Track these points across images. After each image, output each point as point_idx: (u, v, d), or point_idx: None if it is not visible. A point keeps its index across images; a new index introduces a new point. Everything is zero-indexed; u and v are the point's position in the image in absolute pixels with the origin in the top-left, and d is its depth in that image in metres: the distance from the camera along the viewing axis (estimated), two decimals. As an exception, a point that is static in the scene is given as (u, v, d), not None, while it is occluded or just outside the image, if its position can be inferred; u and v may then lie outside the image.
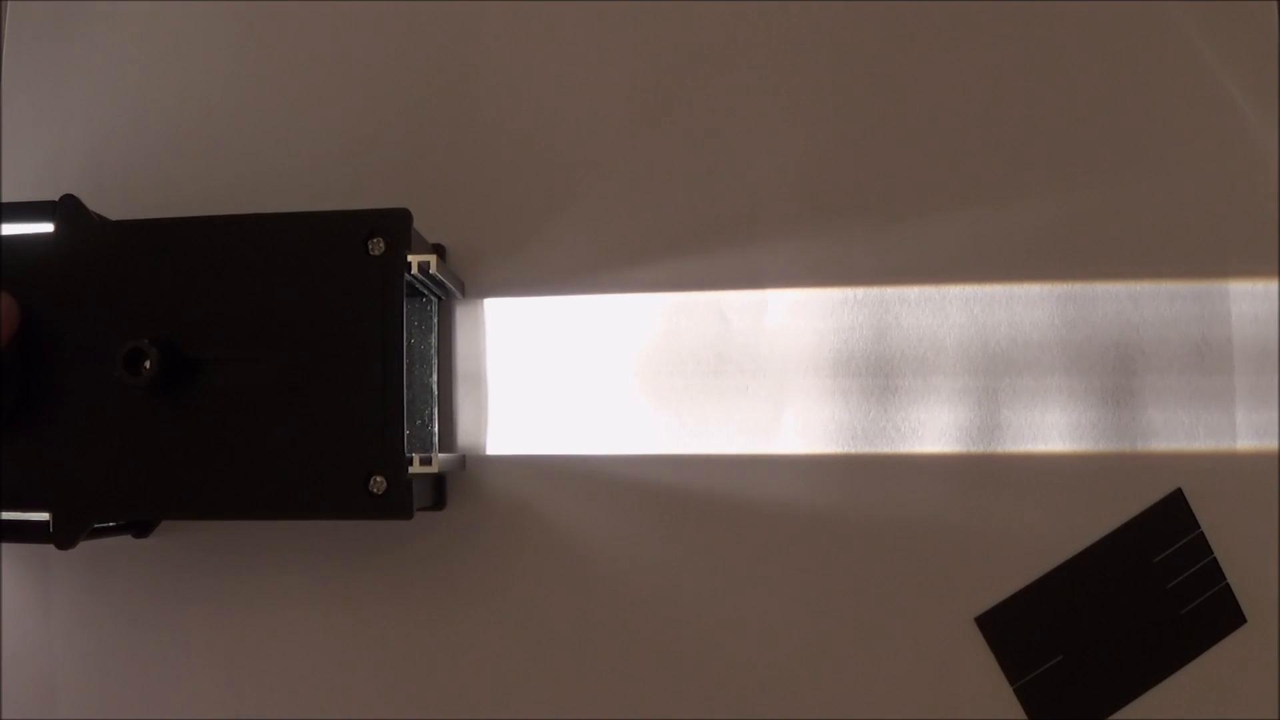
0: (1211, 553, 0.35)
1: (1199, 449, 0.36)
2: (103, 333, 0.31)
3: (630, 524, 0.36)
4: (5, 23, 0.40)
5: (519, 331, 0.37)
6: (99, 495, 0.31)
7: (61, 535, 0.31)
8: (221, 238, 0.32)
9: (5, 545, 0.37)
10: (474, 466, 0.37)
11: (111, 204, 0.34)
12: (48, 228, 0.32)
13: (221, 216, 0.32)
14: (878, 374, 0.36)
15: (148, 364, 0.30)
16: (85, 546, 0.32)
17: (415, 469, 0.31)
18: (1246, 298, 0.36)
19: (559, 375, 0.37)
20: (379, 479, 0.30)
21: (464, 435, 0.37)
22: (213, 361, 0.31)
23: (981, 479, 0.36)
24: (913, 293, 0.36)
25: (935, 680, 0.35)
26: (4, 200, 0.34)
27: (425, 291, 0.35)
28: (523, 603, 0.36)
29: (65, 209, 0.32)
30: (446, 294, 0.36)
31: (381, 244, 0.31)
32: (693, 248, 0.37)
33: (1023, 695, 0.35)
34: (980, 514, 0.36)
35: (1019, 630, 0.35)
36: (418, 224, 0.32)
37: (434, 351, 0.36)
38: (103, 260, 0.32)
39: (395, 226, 0.31)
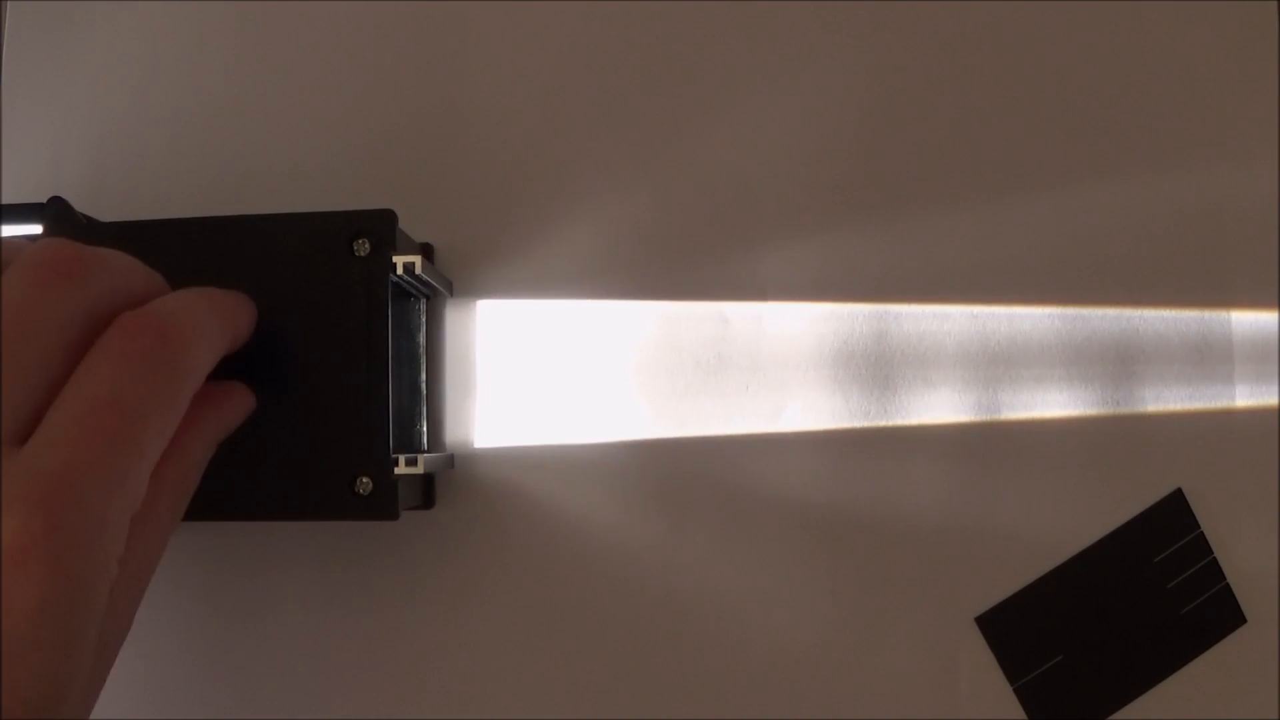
0: (1211, 553, 0.35)
1: (1199, 449, 0.35)
2: None
3: (624, 523, 0.36)
4: (5, 23, 0.40)
5: (508, 331, 0.37)
6: None
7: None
8: (206, 239, 0.32)
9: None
10: (463, 465, 0.37)
11: (112, 204, 0.34)
12: (38, 230, 0.32)
13: (206, 218, 0.32)
14: (878, 374, 0.36)
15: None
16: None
17: (402, 469, 0.31)
18: (1247, 298, 0.36)
19: (549, 375, 0.37)
20: (365, 480, 0.30)
21: (452, 435, 0.37)
22: None
23: (981, 479, 0.35)
24: (915, 295, 0.36)
25: (935, 680, 0.35)
26: (4, 201, 0.34)
27: (413, 291, 0.35)
28: (513, 600, 0.36)
29: (52, 211, 0.32)
30: (434, 294, 0.36)
31: (366, 245, 0.31)
32: (686, 250, 0.37)
33: (1023, 695, 0.35)
34: (980, 514, 0.35)
35: (1019, 630, 0.35)
36: (406, 223, 0.32)
37: (422, 351, 0.36)
38: None
39: (380, 228, 0.31)
